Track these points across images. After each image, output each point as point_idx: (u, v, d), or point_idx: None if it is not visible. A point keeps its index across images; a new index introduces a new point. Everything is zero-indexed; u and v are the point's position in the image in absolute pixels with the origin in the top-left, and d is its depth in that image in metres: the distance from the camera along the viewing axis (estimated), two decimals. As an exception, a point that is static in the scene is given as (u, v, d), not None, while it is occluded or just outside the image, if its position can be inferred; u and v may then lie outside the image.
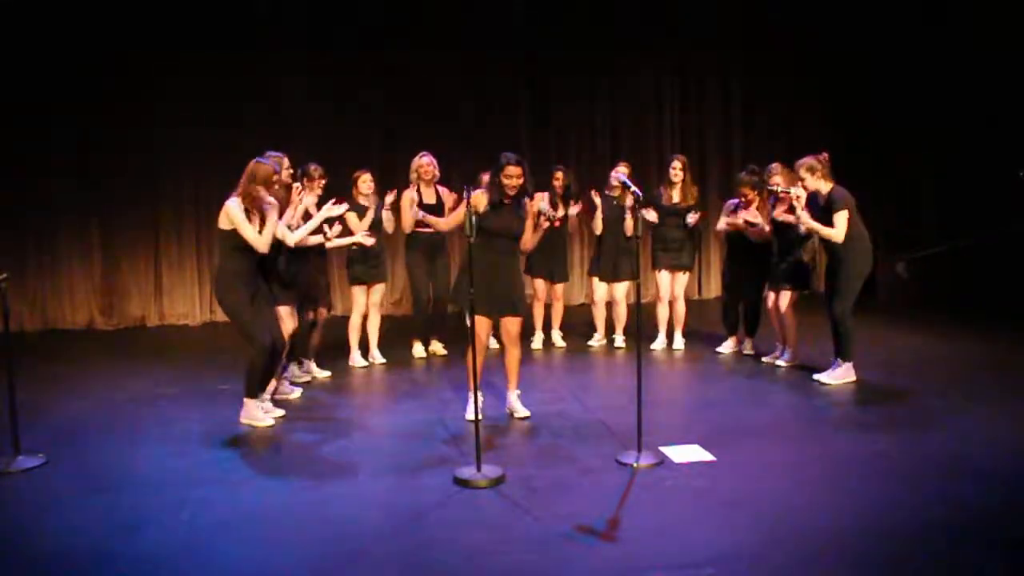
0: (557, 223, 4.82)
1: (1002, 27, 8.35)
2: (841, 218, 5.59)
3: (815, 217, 5.70)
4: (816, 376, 5.90)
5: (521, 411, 5.17)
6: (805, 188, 5.73)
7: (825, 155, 5.78)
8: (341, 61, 9.07)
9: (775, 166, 6.31)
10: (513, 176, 4.83)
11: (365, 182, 6.54)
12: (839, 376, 5.81)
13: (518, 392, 5.21)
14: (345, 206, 6.01)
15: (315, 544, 3.43)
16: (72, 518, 3.75)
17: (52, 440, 4.83)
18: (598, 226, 6.96)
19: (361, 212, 6.48)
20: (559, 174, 7.09)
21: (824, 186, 5.70)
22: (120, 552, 3.38)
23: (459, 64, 9.27)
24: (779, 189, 6.02)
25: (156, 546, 3.43)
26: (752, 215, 6.42)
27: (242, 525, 3.64)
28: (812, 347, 6.56)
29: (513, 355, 5.11)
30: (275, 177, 5.14)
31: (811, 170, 5.70)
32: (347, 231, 6.29)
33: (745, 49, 9.99)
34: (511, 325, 5.03)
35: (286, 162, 5.59)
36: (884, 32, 9.40)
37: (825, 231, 5.63)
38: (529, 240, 5.08)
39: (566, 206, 7.09)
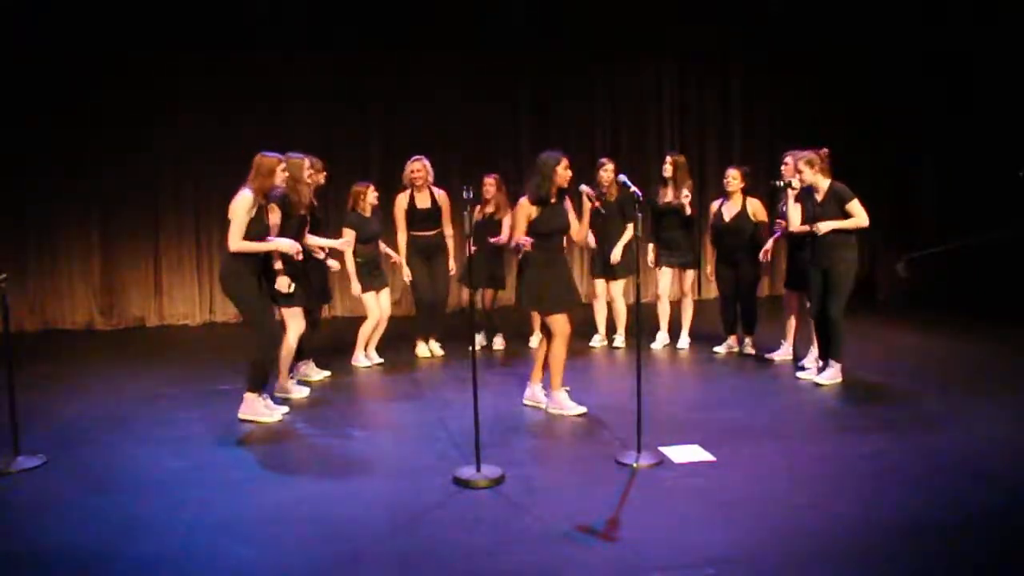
0: (598, 203, 5.01)
1: (1002, 27, 8.35)
2: (857, 205, 5.60)
3: (810, 213, 5.68)
4: (807, 376, 5.91)
5: (545, 402, 5.30)
6: (802, 181, 5.72)
7: (825, 151, 5.76)
8: (341, 61, 9.08)
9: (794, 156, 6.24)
10: (569, 168, 5.00)
11: (372, 193, 6.59)
12: (831, 377, 5.80)
13: (540, 385, 5.38)
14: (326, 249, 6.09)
15: (315, 544, 3.43)
16: (72, 518, 3.76)
17: (52, 440, 4.83)
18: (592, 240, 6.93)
19: (365, 225, 6.52)
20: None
21: (822, 182, 5.68)
22: (120, 552, 3.39)
23: (459, 64, 9.27)
24: (781, 183, 5.88)
25: (156, 546, 3.43)
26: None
27: (242, 525, 3.64)
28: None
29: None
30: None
31: (810, 164, 5.68)
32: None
33: (745, 49, 9.98)
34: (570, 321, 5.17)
35: (307, 163, 5.62)
36: (884, 32, 9.39)
37: (852, 223, 5.59)
38: (582, 231, 5.22)
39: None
